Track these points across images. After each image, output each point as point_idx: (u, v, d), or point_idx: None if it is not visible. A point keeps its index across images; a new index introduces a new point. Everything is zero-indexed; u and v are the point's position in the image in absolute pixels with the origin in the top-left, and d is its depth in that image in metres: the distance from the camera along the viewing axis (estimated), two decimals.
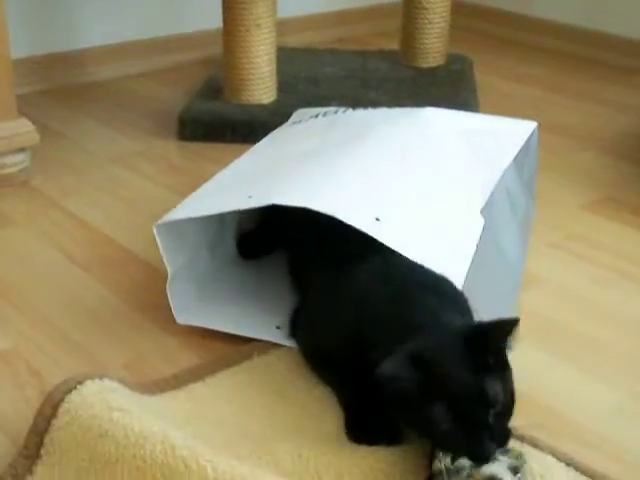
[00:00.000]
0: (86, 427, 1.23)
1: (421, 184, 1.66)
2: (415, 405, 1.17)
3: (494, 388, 1.18)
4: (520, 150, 1.90)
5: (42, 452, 1.25)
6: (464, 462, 1.16)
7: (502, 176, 1.79)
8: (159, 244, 1.56)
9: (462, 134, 1.87)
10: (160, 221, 1.56)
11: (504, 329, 1.21)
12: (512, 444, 1.22)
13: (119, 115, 2.84)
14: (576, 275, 1.87)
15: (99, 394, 1.28)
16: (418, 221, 1.54)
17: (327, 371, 1.44)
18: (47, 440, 1.25)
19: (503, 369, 1.23)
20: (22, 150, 2.28)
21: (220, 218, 1.75)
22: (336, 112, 2.05)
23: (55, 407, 1.27)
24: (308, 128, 2.00)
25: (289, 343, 1.54)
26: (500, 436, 1.18)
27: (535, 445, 1.33)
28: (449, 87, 2.87)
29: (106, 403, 1.26)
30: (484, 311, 1.48)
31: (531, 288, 1.79)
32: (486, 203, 1.68)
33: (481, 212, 1.64)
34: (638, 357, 1.60)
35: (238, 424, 1.36)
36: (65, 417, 1.25)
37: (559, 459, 1.31)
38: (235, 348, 1.54)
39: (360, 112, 2.04)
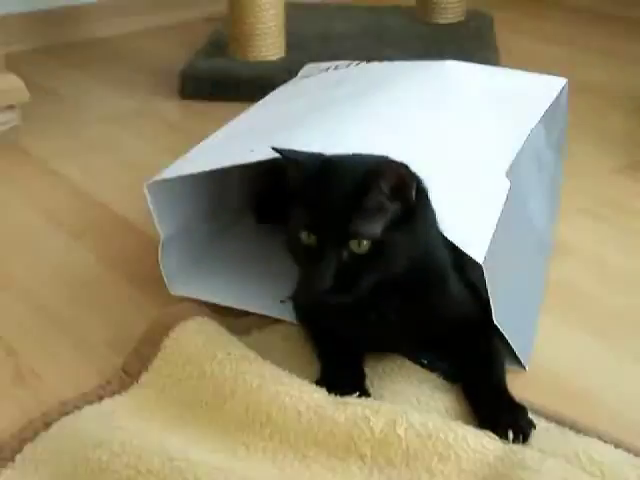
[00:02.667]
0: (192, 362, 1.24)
1: (442, 140, 1.49)
2: (290, 200, 1.16)
3: (362, 226, 1.11)
4: (549, 108, 1.74)
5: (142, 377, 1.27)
6: None
7: (529, 135, 1.63)
8: (150, 205, 1.41)
9: (486, 88, 1.71)
10: (152, 179, 1.41)
11: (393, 174, 1.12)
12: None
13: (118, 73, 2.69)
14: (608, 243, 1.71)
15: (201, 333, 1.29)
16: (438, 181, 1.38)
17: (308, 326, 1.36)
18: (150, 367, 1.28)
19: (407, 221, 1.14)
20: (10, 108, 2.13)
21: (221, 181, 1.59)
22: (348, 66, 1.89)
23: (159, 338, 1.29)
24: (318, 81, 1.85)
25: (291, 318, 1.39)
26: (350, 281, 1.11)
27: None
28: (468, 44, 2.70)
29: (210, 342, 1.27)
30: (510, 279, 1.38)
31: (561, 256, 1.63)
32: (512, 164, 1.52)
33: (506, 174, 1.48)
34: None
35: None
36: (169, 350, 1.27)
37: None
38: (232, 323, 1.38)
39: (375, 65, 1.88)
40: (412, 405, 1.20)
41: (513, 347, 1.30)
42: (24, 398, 1.27)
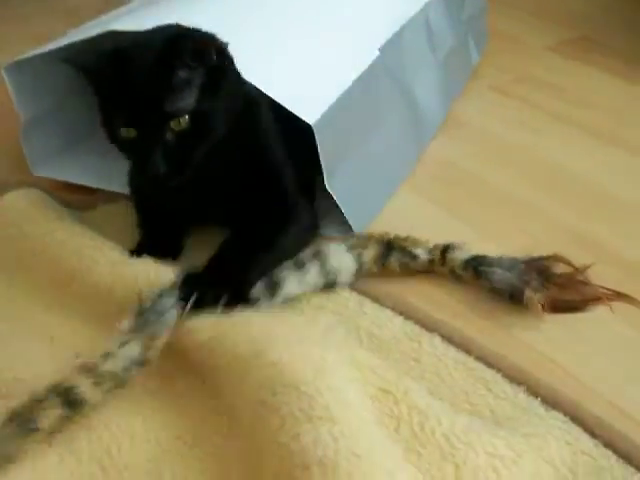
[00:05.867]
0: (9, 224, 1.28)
1: (305, 17, 1.46)
2: (103, 103, 1.15)
3: (176, 103, 1.10)
4: None
5: None
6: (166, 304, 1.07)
7: (423, 10, 1.58)
8: (9, 87, 1.41)
9: None
10: (10, 62, 1.41)
11: (188, 43, 1.11)
12: None
13: None
14: (503, 120, 1.67)
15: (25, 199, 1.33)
16: (285, 56, 1.35)
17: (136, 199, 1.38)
18: None
19: (216, 86, 1.13)
20: None
21: None
22: None
23: None
24: None
25: None
26: (181, 160, 1.11)
27: (375, 299, 1.20)
28: None
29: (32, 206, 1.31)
30: (366, 151, 1.38)
31: (449, 133, 1.60)
32: (393, 37, 1.48)
33: (383, 47, 1.44)
34: (527, 206, 1.41)
35: None
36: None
37: (397, 312, 1.18)
38: (82, 198, 1.41)
39: None
40: None
41: (343, 211, 1.29)
42: None
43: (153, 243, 1.27)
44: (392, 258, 1.22)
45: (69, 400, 0.98)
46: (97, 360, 1.01)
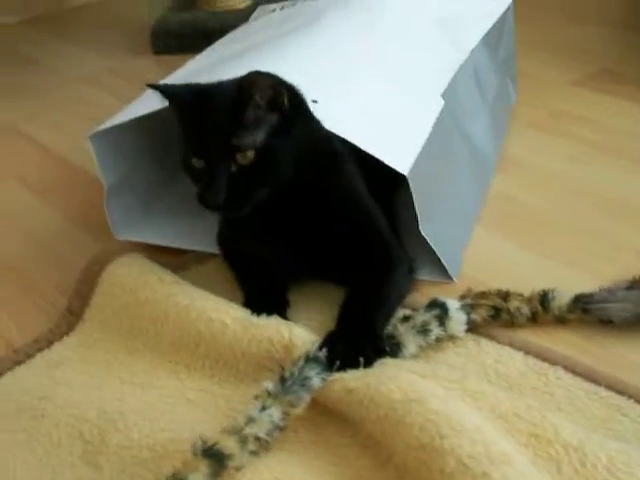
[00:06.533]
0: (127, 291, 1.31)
1: (371, 65, 1.52)
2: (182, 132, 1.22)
3: (244, 138, 1.16)
4: (493, 29, 1.75)
5: (86, 314, 1.34)
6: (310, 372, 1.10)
7: (470, 56, 1.64)
8: (94, 156, 1.46)
9: (423, 12, 1.72)
10: (93, 131, 1.45)
11: (264, 85, 1.16)
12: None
13: (95, 35, 2.74)
14: (551, 154, 1.73)
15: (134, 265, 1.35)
16: (362, 103, 1.40)
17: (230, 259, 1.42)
18: (91, 302, 1.34)
19: (286, 128, 1.19)
20: None
21: (167, 126, 1.63)
22: (294, 4, 1.91)
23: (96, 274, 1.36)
24: (262, 24, 1.87)
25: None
26: (242, 194, 1.17)
27: (492, 337, 1.24)
28: None
29: (143, 272, 1.33)
30: (441, 194, 1.42)
31: (506, 172, 1.66)
32: (450, 84, 1.54)
33: (443, 94, 1.49)
34: (597, 233, 1.47)
35: None
36: (106, 283, 1.34)
37: (516, 348, 1.22)
38: (172, 260, 1.44)
39: (318, 1, 1.89)
40: None
41: (440, 257, 1.33)
42: None
43: (260, 301, 1.30)
44: (498, 317, 1.25)
45: (217, 460, 1.01)
46: (241, 423, 1.05)
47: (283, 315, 1.27)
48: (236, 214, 1.19)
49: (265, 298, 1.31)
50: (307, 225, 1.25)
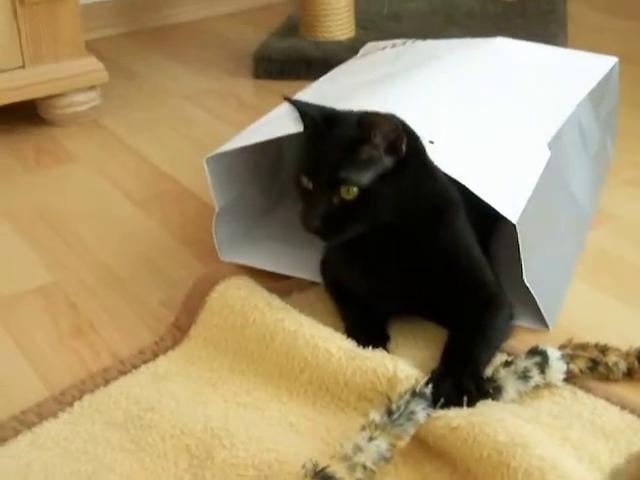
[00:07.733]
0: (236, 312, 1.34)
1: (483, 109, 1.56)
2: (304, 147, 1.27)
3: (352, 174, 1.19)
4: (598, 85, 1.78)
5: (192, 331, 1.38)
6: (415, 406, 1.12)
7: (575, 110, 1.67)
8: (208, 178, 1.51)
9: (534, 64, 1.77)
10: (210, 154, 1.51)
11: (385, 127, 1.19)
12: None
13: (198, 55, 2.80)
14: None
15: (243, 287, 1.39)
16: (476, 146, 1.44)
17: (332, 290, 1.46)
18: (198, 320, 1.38)
19: (397, 174, 1.21)
20: (92, 89, 2.26)
21: (277, 154, 1.69)
22: (404, 43, 1.96)
23: (205, 292, 1.39)
24: (374, 60, 1.92)
25: None
26: (336, 226, 1.21)
27: (588, 389, 1.25)
28: (538, 20, 2.72)
29: (253, 295, 1.37)
30: (543, 244, 1.43)
31: (601, 225, 1.68)
32: (555, 136, 1.57)
33: (549, 145, 1.53)
34: None
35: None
36: (215, 302, 1.37)
37: (612, 402, 1.23)
38: (274, 286, 1.47)
39: (429, 42, 1.94)
40: None
41: (539, 306, 1.36)
42: (82, 350, 1.39)
43: (361, 333, 1.32)
44: (595, 370, 1.27)
45: None
46: (349, 451, 1.07)
47: (385, 349, 1.30)
48: (329, 242, 1.26)
49: (366, 331, 1.34)
50: (413, 267, 1.29)
